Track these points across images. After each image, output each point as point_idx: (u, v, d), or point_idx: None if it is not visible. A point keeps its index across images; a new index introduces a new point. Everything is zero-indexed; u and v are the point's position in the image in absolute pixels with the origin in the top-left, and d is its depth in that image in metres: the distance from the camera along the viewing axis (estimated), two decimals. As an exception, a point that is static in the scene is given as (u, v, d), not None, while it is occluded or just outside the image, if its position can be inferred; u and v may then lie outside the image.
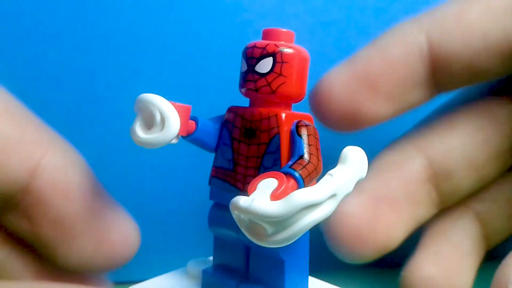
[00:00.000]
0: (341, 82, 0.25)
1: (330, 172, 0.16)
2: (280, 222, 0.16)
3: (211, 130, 0.20)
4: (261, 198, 0.16)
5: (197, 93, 0.29)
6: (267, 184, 0.17)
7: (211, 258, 0.22)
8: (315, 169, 0.18)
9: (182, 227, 0.30)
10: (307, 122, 0.19)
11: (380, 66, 0.25)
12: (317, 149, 0.19)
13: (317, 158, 0.18)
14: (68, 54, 0.29)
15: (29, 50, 0.28)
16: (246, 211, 0.16)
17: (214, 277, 0.21)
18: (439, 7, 0.26)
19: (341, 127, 0.26)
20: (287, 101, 0.20)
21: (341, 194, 0.16)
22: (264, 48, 0.19)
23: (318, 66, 0.31)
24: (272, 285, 0.19)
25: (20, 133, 0.21)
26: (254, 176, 0.19)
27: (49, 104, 0.28)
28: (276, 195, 0.16)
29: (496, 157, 0.27)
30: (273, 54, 0.19)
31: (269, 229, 0.16)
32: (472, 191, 0.28)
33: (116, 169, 0.30)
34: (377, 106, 0.25)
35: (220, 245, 0.21)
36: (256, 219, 0.16)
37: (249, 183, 0.19)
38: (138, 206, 0.25)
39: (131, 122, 0.20)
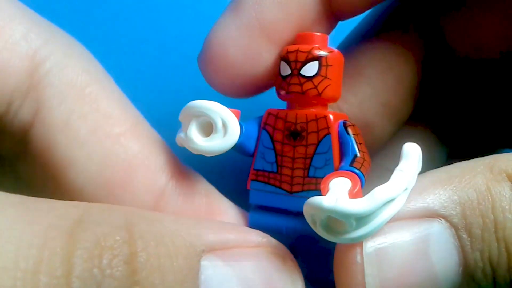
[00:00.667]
0: (234, 38, 0.21)
1: (399, 168, 0.17)
2: (364, 218, 0.16)
3: (252, 134, 0.20)
4: (344, 197, 0.17)
5: (196, 94, 0.29)
6: (339, 183, 0.17)
7: None
8: (368, 165, 0.19)
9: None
10: (352, 122, 0.20)
11: (272, 11, 0.21)
12: (365, 146, 0.20)
13: (367, 155, 0.19)
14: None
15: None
16: (333, 210, 0.16)
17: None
18: None
19: (241, 92, 0.22)
20: (329, 102, 0.20)
21: (410, 187, 0.17)
22: (309, 52, 0.19)
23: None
24: (320, 273, 0.20)
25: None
26: (303, 177, 0.20)
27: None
28: (354, 194, 0.17)
29: (410, 95, 0.25)
30: (318, 58, 0.19)
31: (352, 225, 0.17)
32: (391, 136, 0.26)
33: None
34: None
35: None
36: (343, 217, 0.16)
37: (296, 184, 0.20)
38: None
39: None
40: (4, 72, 0.18)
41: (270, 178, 0.20)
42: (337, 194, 0.17)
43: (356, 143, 0.19)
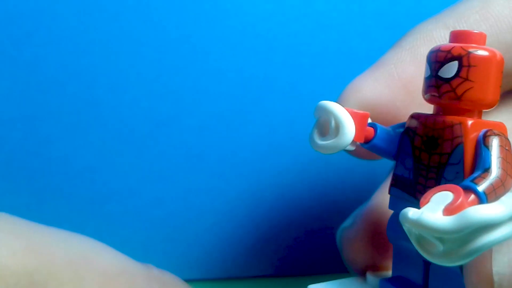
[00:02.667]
0: (370, 84, 0.22)
1: (516, 189, 0.14)
2: (452, 239, 0.15)
3: (390, 137, 0.20)
4: (432, 211, 0.15)
5: (196, 95, 0.30)
6: (442, 198, 0.16)
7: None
8: (503, 184, 0.16)
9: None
10: (498, 132, 0.17)
11: (413, 69, 0.22)
12: (508, 162, 0.17)
13: (506, 172, 0.16)
14: (68, 56, 0.29)
15: (29, 52, 0.28)
16: (414, 223, 0.15)
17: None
18: (461, 3, 0.23)
19: None
20: (476, 108, 0.18)
21: (529, 214, 0.14)
22: (448, 51, 0.18)
23: (318, 68, 0.31)
24: None
25: None
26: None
27: (49, 107, 0.29)
28: (450, 210, 0.15)
29: None
30: (458, 58, 0.17)
31: (440, 245, 0.15)
32: None
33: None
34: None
35: (399, 256, 0.21)
36: (425, 234, 0.15)
37: (429, 194, 0.18)
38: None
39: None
40: None
41: (406, 185, 0.19)
42: (428, 208, 0.15)
43: (496, 156, 0.16)
